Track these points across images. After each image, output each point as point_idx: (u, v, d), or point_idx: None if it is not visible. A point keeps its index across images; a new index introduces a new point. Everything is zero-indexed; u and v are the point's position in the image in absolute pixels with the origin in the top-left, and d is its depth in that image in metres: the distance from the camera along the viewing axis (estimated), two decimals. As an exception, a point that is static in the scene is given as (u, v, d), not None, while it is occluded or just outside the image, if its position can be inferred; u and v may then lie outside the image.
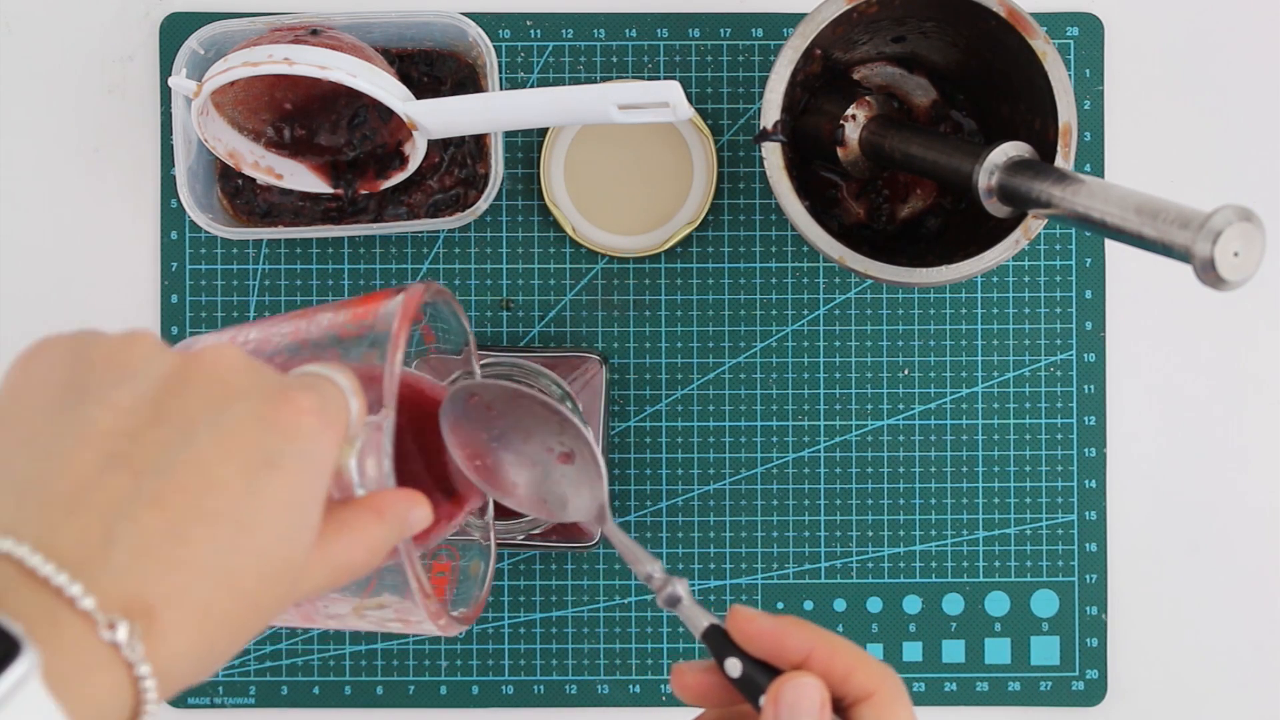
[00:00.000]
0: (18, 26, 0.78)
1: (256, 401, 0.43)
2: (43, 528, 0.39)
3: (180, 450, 0.41)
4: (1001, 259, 0.66)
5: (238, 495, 0.41)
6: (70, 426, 0.41)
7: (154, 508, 0.40)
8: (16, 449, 0.41)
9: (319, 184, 0.75)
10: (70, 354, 0.43)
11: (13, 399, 0.43)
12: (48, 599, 0.38)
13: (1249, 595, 0.78)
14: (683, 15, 0.78)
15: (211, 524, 0.41)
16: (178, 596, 0.40)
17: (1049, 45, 0.66)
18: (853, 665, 0.48)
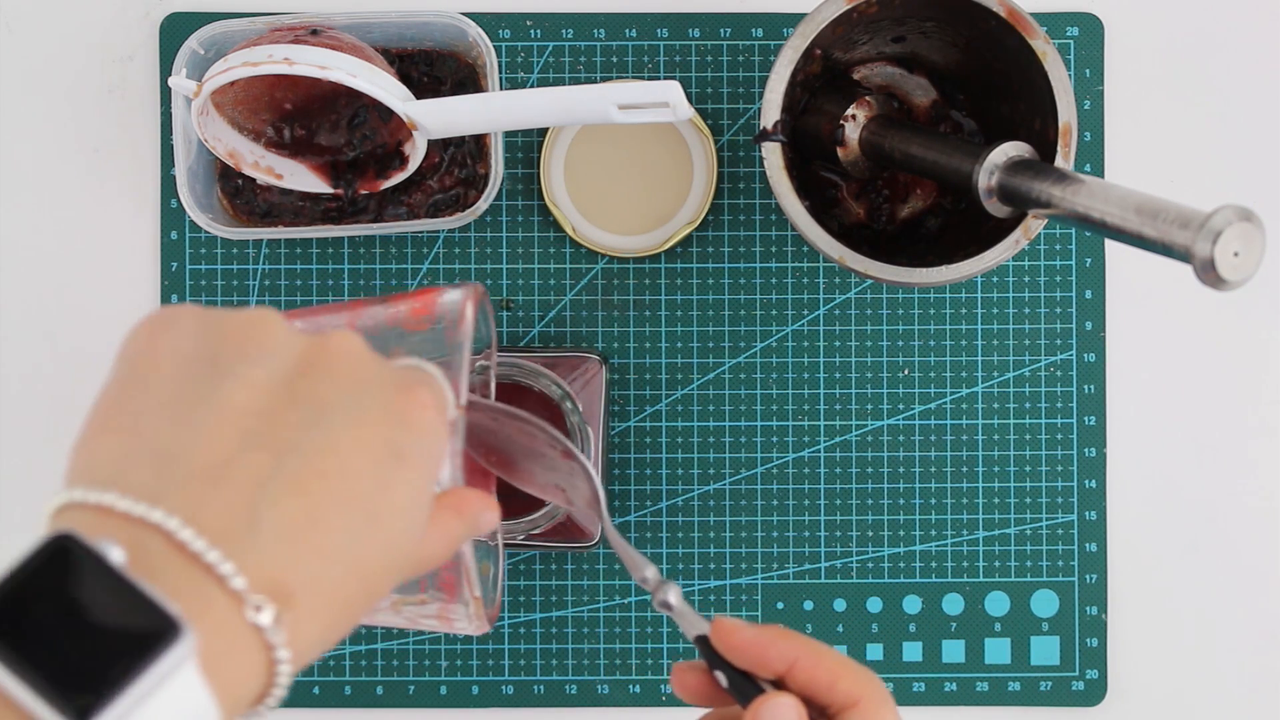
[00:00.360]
0: (18, 26, 0.78)
1: (385, 393, 0.43)
2: (188, 501, 0.39)
3: (315, 434, 0.41)
4: (1001, 259, 0.66)
5: (370, 485, 0.41)
6: (207, 400, 0.41)
7: (294, 490, 0.40)
8: (151, 416, 0.41)
9: (319, 184, 0.75)
10: (201, 327, 0.43)
11: (141, 364, 0.42)
12: (197, 576, 0.38)
13: (1249, 595, 0.78)
14: (683, 15, 0.78)
15: (347, 512, 0.41)
16: (313, 582, 0.39)
17: (1049, 45, 0.66)
18: (837, 673, 0.48)
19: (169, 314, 0.44)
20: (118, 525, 0.38)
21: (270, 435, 0.40)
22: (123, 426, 0.41)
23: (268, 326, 0.43)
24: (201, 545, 0.38)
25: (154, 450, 0.40)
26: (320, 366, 0.43)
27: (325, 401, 0.42)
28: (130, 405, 0.41)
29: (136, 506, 0.38)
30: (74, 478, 0.40)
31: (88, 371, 0.77)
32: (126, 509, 0.38)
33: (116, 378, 0.43)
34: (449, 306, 0.51)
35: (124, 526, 0.38)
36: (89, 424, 0.42)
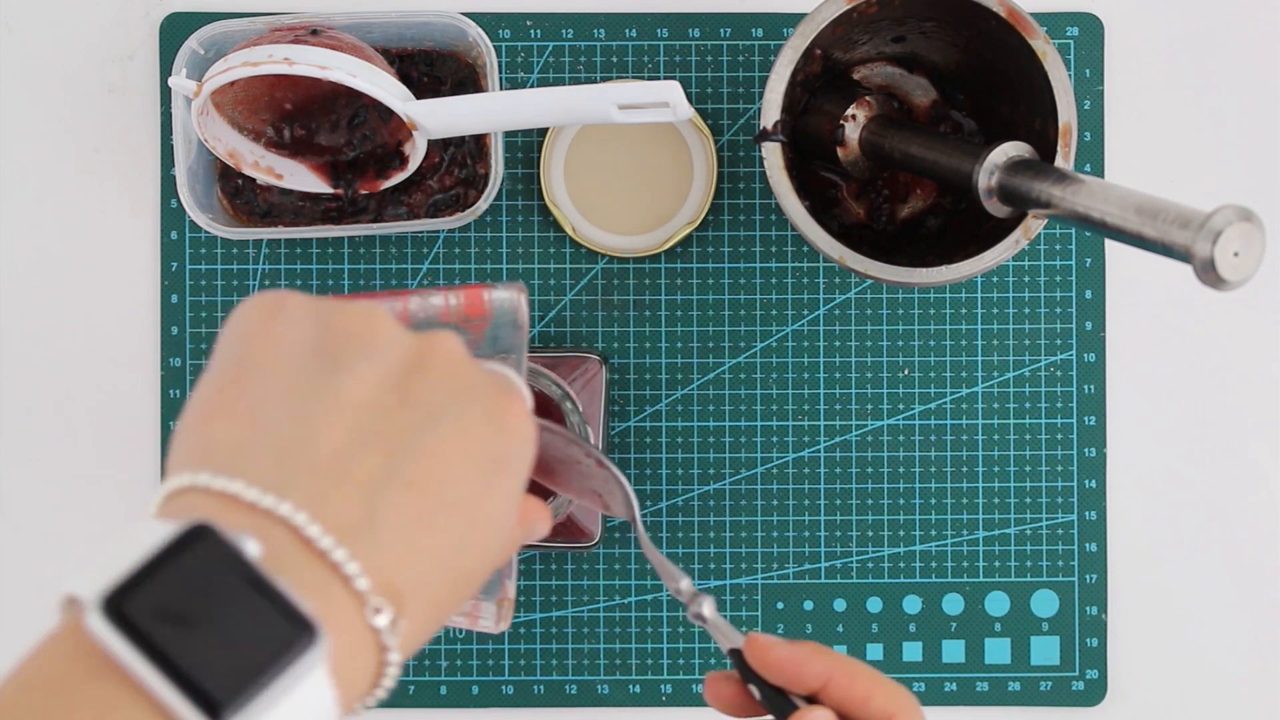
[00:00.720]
0: (18, 26, 0.78)
1: (488, 399, 0.43)
2: (311, 496, 0.38)
3: (425, 436, 0.41)
4: (1001, 259, 0.66)
5: (474, 491, 0.41)
6: (324, 393, 0.40)
7: (408, 492, 0.40)
8: (270, 405, 0.40)
9: (319, 184, 0.75)
10: (315, 318, 0.42)
11: (256, 349, 0.41)
12: (323, 574, 0.37)
13: (1249, 595, 0.78)
14: (683, 15, 0.78)
15: (453, 516, 0.40)
16: (419, 585, 0.39)
17: (1049, 45, 0.66)
18: (871, 689, 0.48)
19: (279, 299, 0.43)
20: (243, 515, 0.37)
21: (384, 434, 0.40)
22: (240, 412, 0.40)
23: (378, 322, 0.43)
24: (329, 543, 0.37)
25: (275, 441, 0.39)
26: (427, 367, 0.42)
27: (433, 403, 0.41)
28: (247, 391, 0.40)
29: (265, 498, 0.38)
30: (191, 460, 0.39)
31: (88, 371, 0.77)
32: (254, 499, 0.38)
33: (229, 359, 0.42)
34: (503, 306, 0.51)
35: (249, 517, 0.38)
36: (201, 405, 0.41)
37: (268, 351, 0.41)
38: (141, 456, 0.77)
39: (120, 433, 0.77)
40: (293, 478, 0.38)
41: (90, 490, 0.77)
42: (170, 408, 0.77)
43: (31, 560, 0.77)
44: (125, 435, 0.77)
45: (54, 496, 0.77)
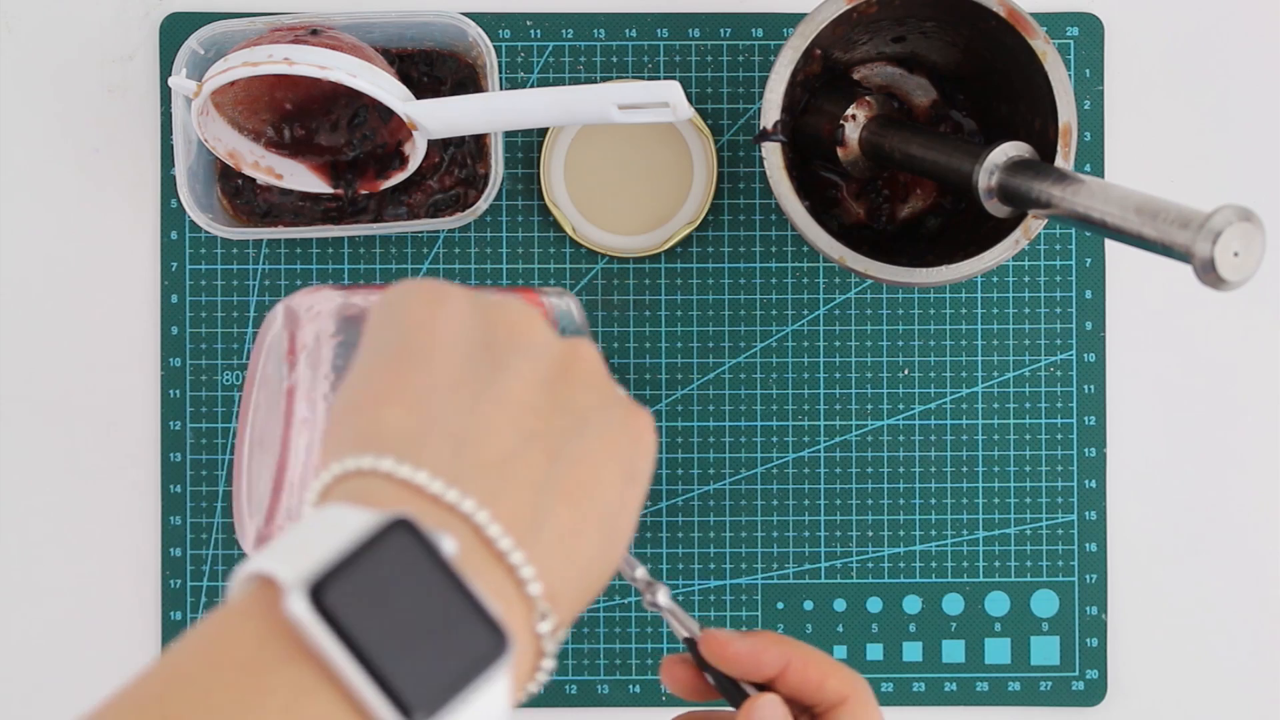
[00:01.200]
0: (18, 26, 0.78)
1: (624, 410, 0.42)
2: (486, 493, 0.38)
3: (578, 443, 0.40)
4: (1001, 259, 0.66)
5: (616, 502, 0.41)
6: (491, 388, 0.40)
7: (565, 498, 0.39)
8: (440, 396, 0.40)
9: (319, 184, 0.75)
10: (474, 310, 0.42)
11: (426, 339, 0.41)
12: (500, 577, 0.37)
13: (1249, 595, 0.78)
14: (683, 15, 0.78)
15: (598, 525, 0.40)
16: (567, 592, 0.39)
17: (1049, 45, 0.66)
18: (826, 673, 0.49)
19: (439, 288, 0.42)
20: (426, 507, 0.37)
21: (544, 436, 0.40)
22: (411, 400, 0.39)
23: (535, 321, 0.43)
24: (508, 544, 0.37)
25: (449, 432, 0.39)
26: (575, 373, 0.42)
27: (582, 411, 0.41)
28: (416, 380, 0.40)
29: (449, 492, 0.37)
30: (361, 443, 0.38)
31: (88, 371, 0.77)
32: (439, 492, 0.37)
33: (391, 345, 0.41)
34: (565, 313, 0.51)
35: (432, 510, 0.37)
36: (367, 388, 0.40)
37: (436, 341, 0.41)
38: (142, 456, 0.77)
39: (120, 432, 0.77)
40: (468, 473, 0.38)
41: (90, 490, 0.77)
42: (170, 407, 0.77)
43: (32, 560, 0.77)
44: (125, 435, 0.77)
45: (54, 496, 0.77)
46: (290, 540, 0.36)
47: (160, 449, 0.77)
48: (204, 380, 0.77)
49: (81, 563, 0.77)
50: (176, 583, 0.77)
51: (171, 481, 0.77)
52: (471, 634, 0.35)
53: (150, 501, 0.77)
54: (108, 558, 0.77)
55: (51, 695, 0.77)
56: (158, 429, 0.77)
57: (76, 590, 0.77)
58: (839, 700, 0.49)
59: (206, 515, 0.77)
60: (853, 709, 0.49)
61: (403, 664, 0.34)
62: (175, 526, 0.77)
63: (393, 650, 0.34)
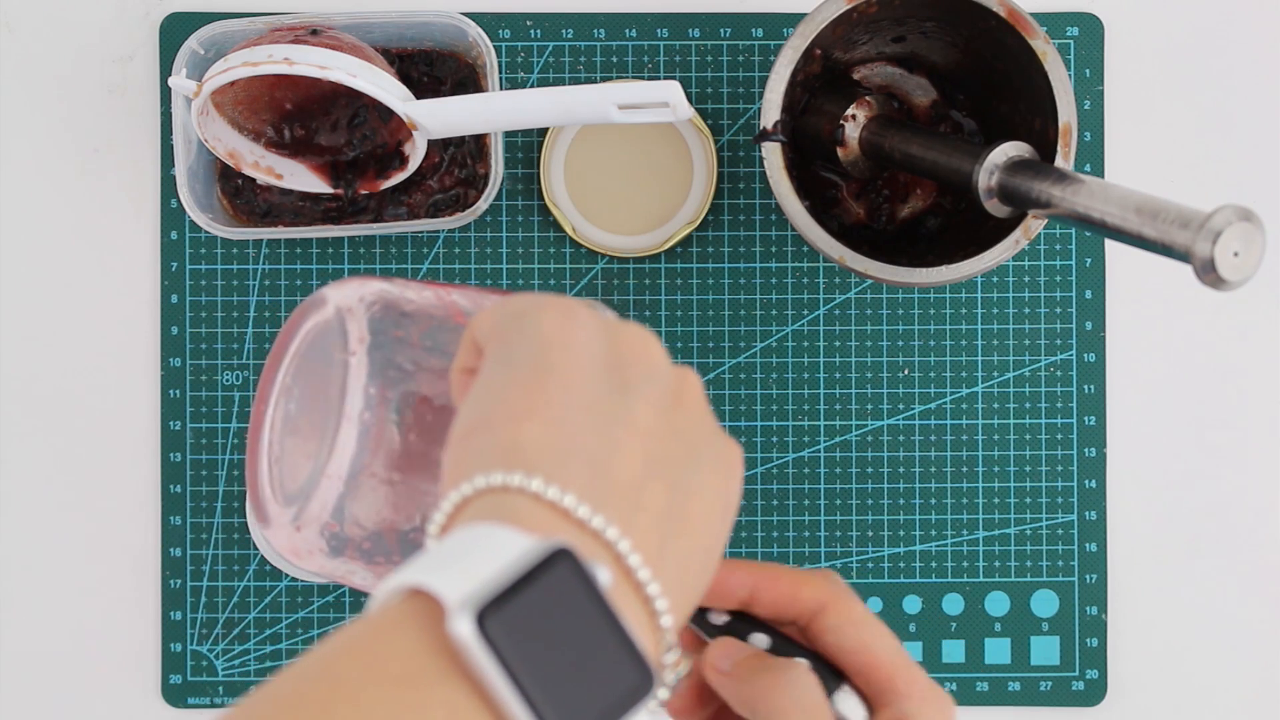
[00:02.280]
0: (18, 26, 0.78)
1: (724, 444, 0.42)
2: (620, 518, 0.38)
3: (691, 474, 0.40)
4: (1001, 259, 0.66)
5: (716, 534, 0.41)
6: (620, 413, 0.40)
7: (684, 529, 0.39)
8: (576, 416, 0.39)
9: (319, 184, 0.75)
10: (605, 334, 0.42)
11: (562, 358, 0.40)
12: (640, 607, 0.37)
13: (1249, 595, 0.78)
14: (683, 15, 0.78)
15: (702, 557, 0.40)
16: (675, 622, 0.39)
17: (1049, 45, 0.66)
18: (797, 584, 0.48)
19: (569, 305, 0.42)
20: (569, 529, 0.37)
21: (665, 465, 0.40)
22: (550, 419, 0.39)
23: (654, 345, 0.42)
24: (646, 575, 0.37)
25: (583, 456, 0.38)
26: (687, 401, 0.42)
27: (694, 441, 0.41)
28: (554, 398, 0.39)
29: (594, 518, 0.37)
30: (501, 459, 0.38)
31: (88, 371, 0.77)
32: (584, 517, 0.37)
33: (527, 361, 0.40)
34: None
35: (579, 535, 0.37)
36: (504, 404, 0.39)
37: (570, 360, 0.40)
38: (142, 456, 0.77)
39: (120, 433, 0.77)
40: (606, 497, 0.38)
41: (90, 490, 0.77)
42: (170, 407, 0.77)
43: (32, 560, 0.77)
44: (125, 435, 0.77)
45: (54, 496, 0.77)
46: (447, 556, 0.36)
47: (160, 449, 0.77)
48: (204, 380, 0.77)
49: (81, 563, 0.77)
50: (176, 583, 0.77)
51: (171, 481, 0.77)
52: (621, 667, 0.35)
53: (150, 501, 0.77)
54: (108, 558, 0.77)
55: (51, 695, 0.77)
56: (158, 429, 0.77)
57: (76, 590, 0.77)
58: (818, 607, 0.48)
59: (206, 515, 0.77)
60: (834, 611, 0.47)
61: (556, 693, 0.34)
62: (175, 526, 0.77)
63: (547, 679, 0.34)
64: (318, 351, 0.51)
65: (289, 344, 0.52)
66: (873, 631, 0.47)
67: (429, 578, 0.35)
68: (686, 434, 0.41)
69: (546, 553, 0.35)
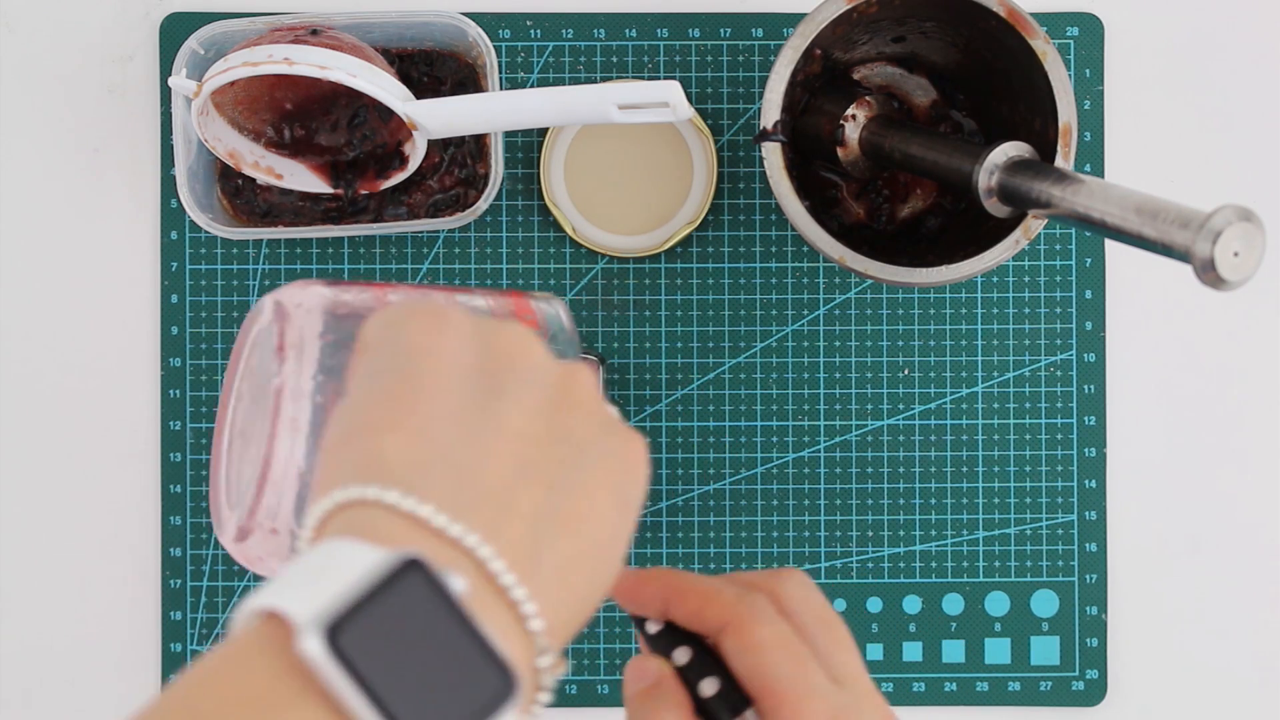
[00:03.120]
0: (18, 26, 0.78)
1: (618, 438, 0.42)
2: (486, 526, 0.37)
3: (575, 473, 0.40)
4: (1001, 259, 0.66)
5: (609, 534, 0.40)
6: (489, 418, 0.39)
7: (564, 531, 0.39)
8: (441, 425, 0.39)
9: (319, 184, 0.75)
10: (477, 337, 0.41)
11: (423, 363, 0.40)
12: (505, 613, 0.37)
13: (1249, 595, 0.78)
14: (683, 15, 0.78)
15: (595, 557, 0.40)
16: (564, 625, 0.39)
17: (1049, 45, 0.66)
18: (700, 604, 0.47)
19: (438, 312, 0.41)
20: (429, 541, 0.37)
21: (541, 467, 0.39)
22: (412, 429, 0.39)
23: (533, 347, 0.42)
24: (510, 580, 0.37)
25: (449, 464, 0.38)
26: (572, 400, 0.41)
27: (579, 440, 0.41)
28: (418, 407, 0.39)
29: (453, 526, 0.37)
30: (361, 472, 0.38)
31: (88, 371, 0.77)
32: (443, 526, 0.37)
33: (393, 371, 0.40)
34: (551, 319, 0.50)
35: (435, 544, 0.37)
36: (365, 415, 0.39)
37: (435, 367, 0.40)
38: (141, 456, 0.77)
39: (120, 433, 0.77)
40: (470, 505, 0.38)
41: (90, 490, 0.77)
42: (170, 407, 0.77)
43: (32, 560, 0.77)
44: (125, 435, 0.77)
45: (54, 496, 0.77)
46: (298, 575, 0.35)
47: (160, 449, 0.77)
48: (204, 380, 0.77)
49: (81, 563, 0.77)
50: (176, 583, 0.77)
51: (171, 481, 0.77)
52: (481, 675, 0.35)
53: (150, 502, 0.77)
54: (108, 558, 0.77)
55: (51, 695, 0.77)
56: (158, 429, 0.77)
57: (76, 590, 0.77)
58: (718, 628, 0.47)
59: (206, 515, 0.77)
60: (732, 635, 0.47)
61: (415, 706, 0.34)
62: (175, 526, 0.77)
63: (405, 692, 0.34)
64: (258, 357, 0.52)
65: (239, 351, 0.53)
66: (771, 658, 0.46)
67: (278, 598, 0.35)
68: (572, 433, 0.41)
69: (396, 564, 0.35)
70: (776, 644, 0.46)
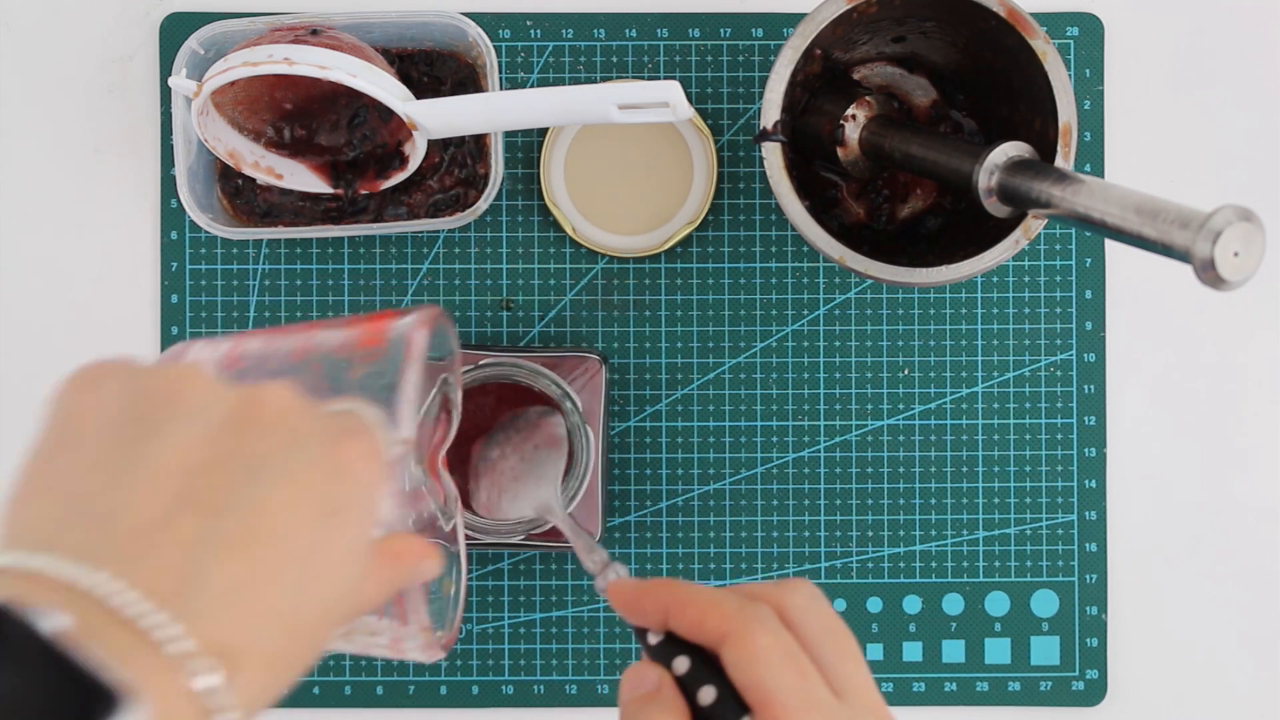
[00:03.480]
0: (18, 26, 0.78)
1: (317, 446, 0.42)
2: (123, 563, 0.38)
3: (249, 492, 0.40)
4: (1001, 259, 0.66)
5: (307, 542, 0.41)
6: (134, 460, 0.40)
7: (232, 552, 0.39)
8: (82, 477, 0.40)
9: (319, 184, 0.75)
10: (126, 384, 0.42)
11: (69, 424, 0.42)
12: (132, 640, 0.37)
13: (1249, 595, 0.78)
14: (683, 15, 0.78)
15: (285, 571, 0.40)
16: (255, 644, 0.39)
17: (1049, 45, 0.66)
18: (701, 613, 0.48)
19: (95, 372, 0.43)
20: (52, 592, 0.37)
21: (204, 495, 0.40)
22: (53, 488, 0.40)
23: (194, 382, 0.43)
24: (136, 610, 0.37)
25: (87, 513, 0.39)
26: (251, 421, 0.42)
27: (258, 458, 0.41)
28: (60, 466, 0.41)
29: (69, 570, 0.37)
30: (6, 542, 0.39)
31: (88, 371, 0.77)
32: (57, 574, 0.37)
33: (44, 438, 0.42)
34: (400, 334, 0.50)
35: (57, 593, 0.37)
36: (18, 486, 0.41)
37: (80, 425, 0.42)
38: (141, 456, 0.77)
39: (120, 433, 0.77)
40: (104, 548, 0.38)
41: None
42: (170, 408, 0.77)
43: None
44: (125, 435, 0.77)
45: (54, 496, 0.77)
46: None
47: (160, 449, 0.77)
48: (204, 380, 0.77)
49: (81, 563, 0.77)
50: (176, 583, 0.77)
51: (171, 481, 0.77)
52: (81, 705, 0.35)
53: (150, 501, 0.77)
54: (108, 558, 0.77)
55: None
56: (158, 429, 0.77)
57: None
58: (719, 638, 0.47)
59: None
60: (732, 645, 0.47)
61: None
62: (175, 526, 0.77)
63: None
64: None
65: None
66: (771, 669, 0.46)
67: None
68: (248, 453, 0.41)
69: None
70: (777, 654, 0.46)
